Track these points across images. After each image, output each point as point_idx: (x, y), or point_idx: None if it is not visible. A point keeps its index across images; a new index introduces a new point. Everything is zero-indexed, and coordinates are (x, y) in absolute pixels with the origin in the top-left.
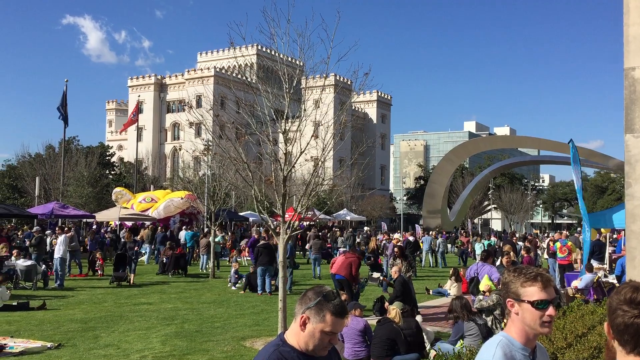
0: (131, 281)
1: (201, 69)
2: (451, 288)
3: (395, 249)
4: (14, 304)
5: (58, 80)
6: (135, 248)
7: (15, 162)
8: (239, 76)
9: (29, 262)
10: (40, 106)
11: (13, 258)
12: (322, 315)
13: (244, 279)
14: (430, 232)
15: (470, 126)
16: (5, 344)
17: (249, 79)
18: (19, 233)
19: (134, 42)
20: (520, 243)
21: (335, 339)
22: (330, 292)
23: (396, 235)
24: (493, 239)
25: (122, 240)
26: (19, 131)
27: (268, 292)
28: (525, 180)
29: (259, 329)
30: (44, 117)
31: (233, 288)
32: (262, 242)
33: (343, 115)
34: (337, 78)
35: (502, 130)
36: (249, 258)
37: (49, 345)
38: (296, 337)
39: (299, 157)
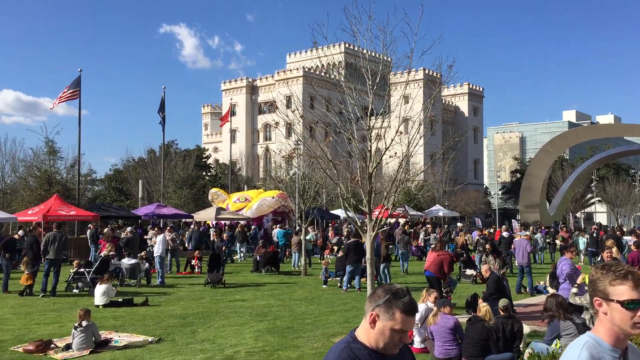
0: (224, 282)
1: (290, 70)
2: (549, 285)
3: (487, 246)
4: (119, 300)
5: (157, 87)
6: (224, 248)
7: (120, 166)
8: (326, 75)
9: (133, 261)
10: (142, 113)
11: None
12: (391, 313)
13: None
14: (529, 228)
15: (569, 115)
16: (111, 338)
17: (335, 78)
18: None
19: (226, 47)
20: (627, 238)
21: (406, 337)
22: (400, 289)
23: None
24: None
25: (212, 239)
26: (124, 137)
27: (357, 288)
28: (633, 171)
29: (349, 326)
30: (145, 123)
31: (324, 286)
32: (352, 239)
33: (429, 109)
34: (426, 72)
35: (606, 119)
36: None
37: (150, 340)
38: (366, 334)
39: (384, 153)
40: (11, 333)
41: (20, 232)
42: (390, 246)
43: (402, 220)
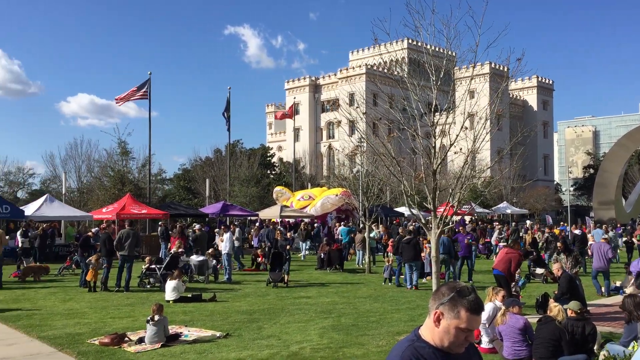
0: (286, 281)
1: (353, 67)
2: (628, 286)
3: (559, 244)
4: (188, 296)
5: (223, 88)
6: (288, 247)
7: (188, 165)
8: (389, 72)
9: (201, 258)
10: (209, 113)
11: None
12: (456, 312)
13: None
14: (602, 226)
15: None
16: (181, 332)
17: (398, 74)
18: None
19: (289, 46)
20: None
21: (472, 336)
22: (465, 287)
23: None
24: None
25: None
26: (191, 137)
27: (414, 285)
28: None
29: (414, 324)
30: (212, 123)
31: (389, 283)
32: (406, 237)
33: (496, 104)
34: (492, 66)
35: None
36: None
37: (218, 335)
38: (431, 332)
39: (448, 150)
40: (88, 326)
41: (94, 230)
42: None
43: (467, 218)
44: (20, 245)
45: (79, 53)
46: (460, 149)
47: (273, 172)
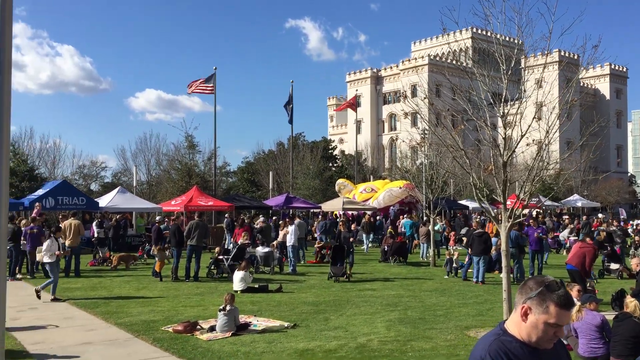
0: (348, 275)
1: (415, 58)
2: None
3: (637, 238)
4: (255, 286)
5: (284, 81)
6: (351, 239)
7: (252, 158)
8: (453, 62)
9: (266, 249)
10: (271, 107)
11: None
12: (545, 306)
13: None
14: None
15: None
16: (250, 322)
17: (463, 64)
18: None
19: (350, 38)
20: None
21: (561, 332)
22: (554, 281)
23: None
24: None
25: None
26: (254, 130)
27: (480, 280)
28: None
29: (482, 319)
30: (274, 116)
31: (453, 277)
32: (478, 230)
33: (569, 93)
34: (562, 53)
35: None
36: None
37: (286, 325)
38: (517, 327)
39: (519, 141)
40: (161, 314)
41: (158, 218)
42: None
43: (535, 211)
44: (95, 235)
45: (146, 49)
46: (533, 140)
47: (335, 165)
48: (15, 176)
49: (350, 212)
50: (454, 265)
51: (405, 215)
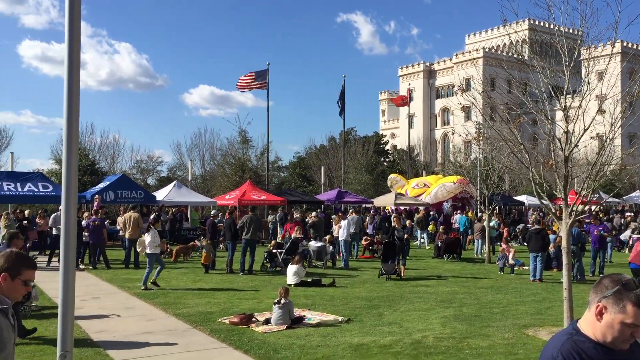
0: (402, 274)
1: (469, 51)
2: None
3: None
4: (309, 280)
5: (336, 76)
6: (405, 236)
7: (303, 153)
8: (510, 54)
9: (319, 244)
10: (323, 101)
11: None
12: (621, 306)
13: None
14: None
15: None
16: (304, 316)
17: (521, 56)
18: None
19: (402, 32)
20: None
21: (639, 332)
22: (631, 280)
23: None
24: None
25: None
26: (306, 125)
27: (538, 278)
28: None
29: (541, 317)
30: (326, 111)
31: (499, 273)
32: (535, 227)
33: (636, 85)
34: (625, 44)
35: None
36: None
37: (340, 319)
38: (591, 326)
39: (581, 135)
40: (218, 306)
41: (213, 212)
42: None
43: (596, 208)
44: None
45: (200, 46)
46: (597, 134)
47: (387, 160)
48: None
49: (402, 208)
50: (510, 262)
51: (459, 211)
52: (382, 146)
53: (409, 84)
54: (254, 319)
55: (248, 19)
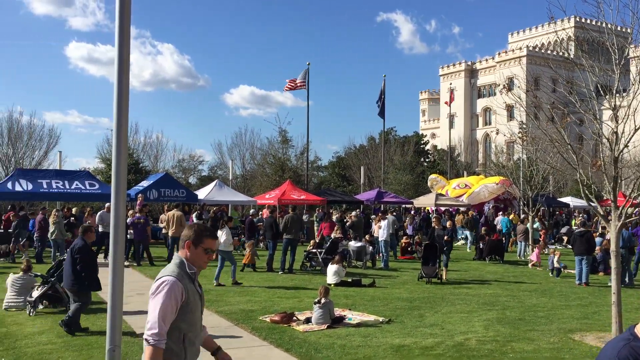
0: (443, 277)
1: (512, 50)
2: None
3: None
4: (349, 280)
5: (375, 75)
6: (446, 237)
7: (343, 153)
8: (554, 53)
9: (359, 244)
10: (362, 101)
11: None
12: None
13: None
14: None
15: None
16: (345, 315)
17: (566, 55)
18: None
19: (443, 30)
20: None
21: None
22: None
23: None
24: None
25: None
26: (345, 125)
27: (584, 282)
28: None
29: (588, 322)
30: (365, 111)
31: (551, 275)
32: (580, 229)
33: None
34: None
35: None
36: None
37: (380, 320)
38: None
39: (632, 136)
40: (259, 304)
41: (252, 211)
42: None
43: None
44: None
45: (240, 46)
46: None
47: (427, 160)
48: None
49: (442, 208)
50: (555, 265)
51: (501, 213)
52: (422, 146)
53: (450, 84)
54: (294, 318)
55: (288, 19)
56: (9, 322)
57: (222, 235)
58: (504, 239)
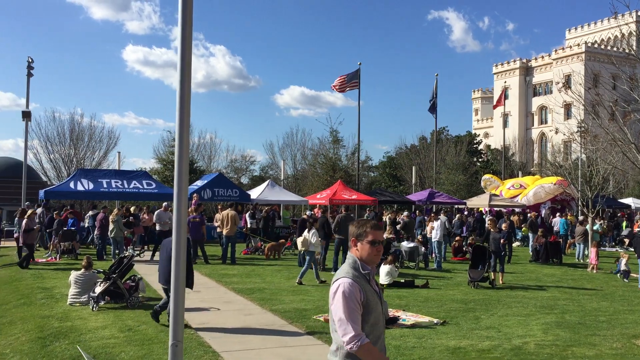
0: (499, 282)
1: (570, 47)
2: None
3: None
4: (401, 281)
5: (427, 74)
6: (502, 240)
7: (393, 153)
8: (614, 49)
9: (412, 244)
10: (413, 100)
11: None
12: None
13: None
14: None
15: None
16: (398, 316)
17: (627, 50)
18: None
19: (497, 27)
20: None
21: None
22: None
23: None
24: None
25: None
26: (396, 125)
27: None
28: None
29: None
30: (416, 110)
31: (625, 280)
32: None
33: None
34: None
35: None
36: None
37: (435, 321)
38: None
39: None
40: (312, 303)
41: (308, 213)
42: None
43: None
44: (248, 226)
45: (290, 47)
46: None
47: (480, 160)
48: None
49: (495, 209)
50: (623, 268)
51: (558, 214)
52: (475, 146)
53: (505, 82)
54: None
55: (337, 19)
56: (74, 317)
57: (312, 236)
58: (561, 240)
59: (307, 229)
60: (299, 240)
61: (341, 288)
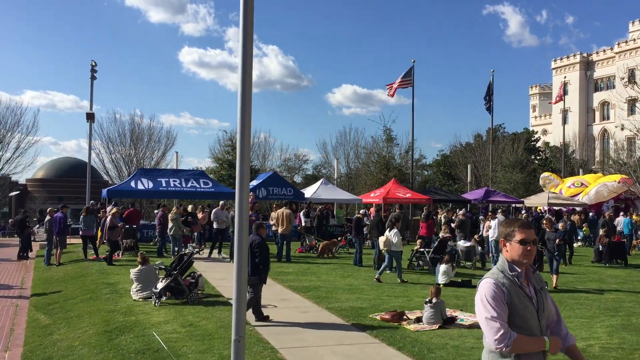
0: (552, 284)
1: (634, 39)
2: None
3: None
4: (459, 280)
5: (482, 70)
6: (558, 241)
7: (448, 151)
8: None
9: (468, 244)
10: (468, 97)
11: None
12: None
13: None
14: None
15: None
16: (456, 316)
17: None
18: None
19: (555, 21)
20: None
21: None
22: None
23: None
24: None
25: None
26: (450, 123)
27: None
28: None
29: None
30: (472, 107)
31: None
32: None
33: None
34: None
35: None
36: None
37: None
38: None
39: None
40: (368, 302)
41: (362, 211)
42: None
43: None
44: (302, 224)
45: (342, 45)
46: None
47: (538, 158)
48: (233, 168)
49: (555, 208)
50: None
51: (622, 213)
52: (532, 143)
53: (565, 77)
54: (405, 317)
55: (389, 16)
56: (138, 312)
57: (393, 236)
58: (625, 240)
59: (388, 229)
60: (381, 239)
61: (480, 290)
